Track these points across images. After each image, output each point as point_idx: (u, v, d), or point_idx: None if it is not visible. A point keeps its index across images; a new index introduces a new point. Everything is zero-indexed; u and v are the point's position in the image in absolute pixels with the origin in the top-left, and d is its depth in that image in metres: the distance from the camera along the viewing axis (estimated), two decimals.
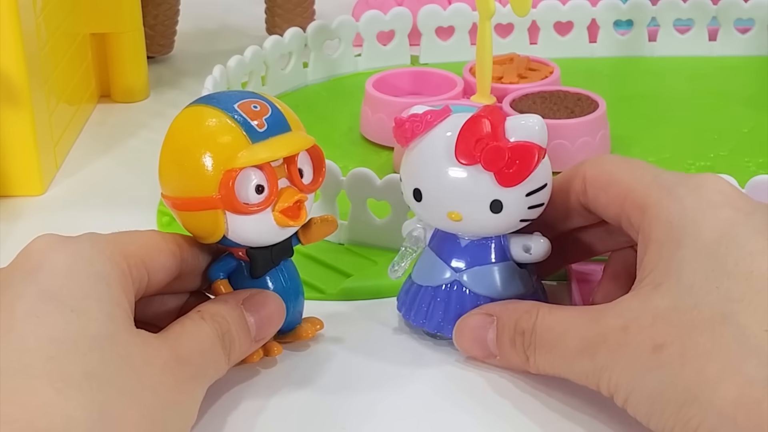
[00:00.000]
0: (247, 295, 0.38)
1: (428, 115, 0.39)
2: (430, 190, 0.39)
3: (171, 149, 0.38)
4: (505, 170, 0.38)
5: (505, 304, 0.39)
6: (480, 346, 0.39)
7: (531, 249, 0.40)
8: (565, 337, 0.36)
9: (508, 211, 0.39)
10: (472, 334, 0.40)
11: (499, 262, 0.40)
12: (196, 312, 0.37)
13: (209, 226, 0.37)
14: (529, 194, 0.39)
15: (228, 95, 0.38)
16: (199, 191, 0.37)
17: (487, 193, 0.38)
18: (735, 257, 0.34)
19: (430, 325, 0.41)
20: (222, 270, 0.39)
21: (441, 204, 0.39)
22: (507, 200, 0.38)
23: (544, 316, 0.37)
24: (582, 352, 0.35)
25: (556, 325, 0.37)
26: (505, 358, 0.39)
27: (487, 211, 0.39)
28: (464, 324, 0.40)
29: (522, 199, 0.39)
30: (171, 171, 0.38)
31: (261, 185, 0.37)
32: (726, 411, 0.31)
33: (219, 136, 0.37)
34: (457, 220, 0.39)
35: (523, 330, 0.38)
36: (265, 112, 0.38)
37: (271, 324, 0.39)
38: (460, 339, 0.40)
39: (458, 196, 0.39)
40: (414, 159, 0.40)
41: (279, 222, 0.38)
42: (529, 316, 0.38)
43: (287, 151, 0.37)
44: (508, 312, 0.39)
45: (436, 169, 0.39)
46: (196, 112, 0.38)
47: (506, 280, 0.40)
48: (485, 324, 0.39)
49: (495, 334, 0.39)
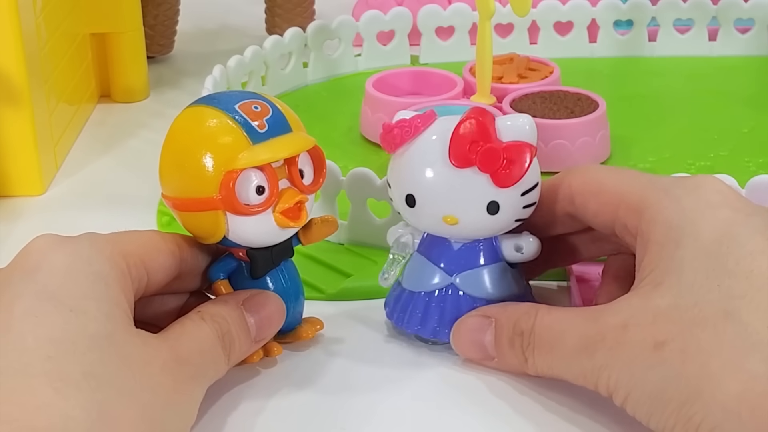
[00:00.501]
0: (247, 296, 0.38)
1: (417, 119, 0.39)
2: (424, 195, 0.39)
3: (171, 149, 0.38)
4: (501, 171, 0.38)
5: (503, 306, 0.39)
6: (478, 348, 0.39)
7: (522, 248, 0.40)
8: (563, 337, 0.36)
9: (504, 211, 0.39)
10: (469, 337, 0.40)
11: (491, 264, 0.40)
12: (196, 312, 0.37)
13: (210, 226, 0.37)
14: (524, 193, 0.39)
15: (229, 96, 0.38)
16: (199, 192, 0.37)
17: (483, 194, 0.38)
18: (735, 256, 0.34)
19: (426, 331, 0.41)
20: (222, 270, 0.39)
21: (436, 208, 0.39)
22: (503, 201, 0.38)
23: (543, 316, 0.37)
24: (580, 351, 0.35)
25: (555, 325, 0.37)
26: (503, 359, 0.39)
27: (483, 212, 0.39)
28: (462, 326, 0.40)
29: (517, 199, 0.39)
30: (171, 171, 0.38)
31: (262, 186, 0.37)
32: (730, 406, 0.31)
33: (220, 136, 0.37)
34: (452, 223, 0.39)
35: (522, 330, 0.38)
36: (266, 113, 0.38)
37: (271, 325, 0.39)
38: (457, 341, 0.40)
39: (455, 200, 0.39)
40: (405, 165, 0.40)
41: (279, 223, 0.38)
42: (528, 317, 0.38)
43: (288, 152, 0.37)
44: (506, 313, 0.39)
45: (429, 173, 0.39)
46: (197, 112, 0.38)
47: (500, 281, 0.40)
48: (483, 326, 0.39)
49: (493, 335, 0.39)
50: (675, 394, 0.33)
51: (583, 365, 0.35)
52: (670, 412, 0.33)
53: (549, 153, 0.54)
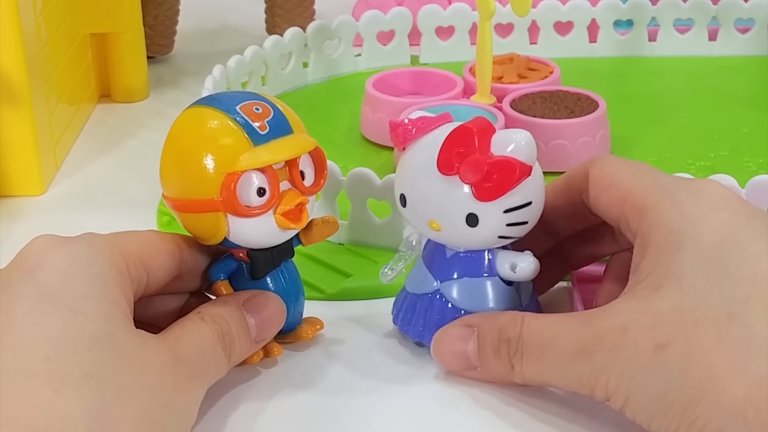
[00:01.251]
0: (247, 297, 0.38)
1: (421, 120, 0.39)
2: (412, 197, 0.39)
3: (172, 150, 0.38)
4: (483, 184, 0.37)
5: (484, 315, 0.39)
6: (459, 358, 0.39)
7: (517, 267, 0.39)
8: (556, 342, 0.36)
9: (484, 225, 0.38)
10: (451, 346, 0.39)
11: (483, 277, 0.39)
12: (196, 313, 0.37)
13: (210, 228, 0.37)
14: (507, 211, 0.38)
15: (230, 96, 0.38)
16: (200, 193, 0.37)
17: (463, 205, 0.38)
18: (737, 260, 0.34)
19: (413, 333, 0.41)
20: (222, 271, 0.39)
21: (422, 212, 0.39)
22: (483, 215, 0.37)
23: (530, 322, 0.37)
24: (576, 355, 0.35)
25: (545, 331, 0.36)
26: (487, 369, 0.38)
27: (463, 223, 0.38)
28: (442, 336, 0.39)
29: (499, 216, 0.38)
30: (172, 172, 0.38)
31: (263, 188, 0.37)
32: (735, 409, 0.31)
33: (221, 138, 0.37)
34: (436, 229, 0.39)
35: (509, 337, 0.37)
36: (267, 114, 0.37)
37: (271, 325, 0.39)
38: (438, 352, 0.39)
39: (437, 206, 0.38)
40: (403, 164, 0.40)
41: (280, 225, 0.38)
42: (514, 324, 0.37)
43: (289, 154, 0.37)
44: (489, 322, 0.38)
45: (418, 176, 0.39)
46: (198, 113, 0.38)
47: (489, 296, 0.39)
48: (465, 335, 0.38)
49: (476, 344, 0.38)
50: (678, 396, 0.32)
51: (579, 369, 0.35)
52: (673, 415, 0.32)
53: (549, 153, 0.54)
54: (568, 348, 0.35)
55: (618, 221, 0.38)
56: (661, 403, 0.33)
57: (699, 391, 0.32)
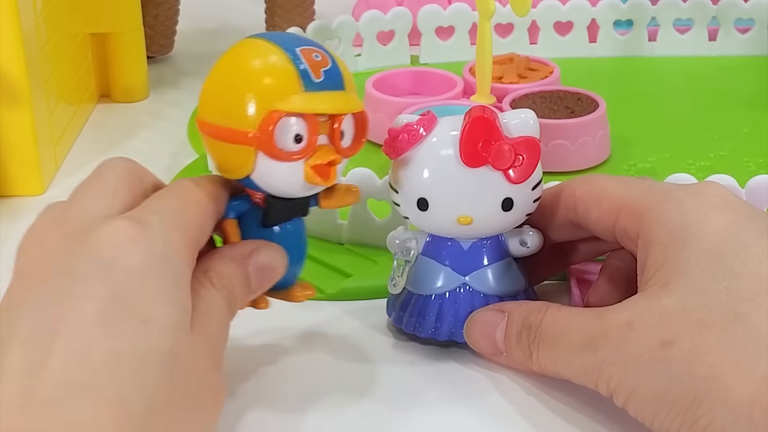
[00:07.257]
0: (253, 248, 0.37)
1: (422, 123, 0.39)
2: (438, 198, 0.39)
3: (222, 73, 0.36)
4: (515, 167, 0.38)
5: (518, 303, 0.40)
6: (488, 341, 0.39)
7: (527, 242, 0.41)
8: (568, 332, 0.36)
9: (518, 207, 0.39)
10: (482, 330, 0.40)
11: (500, 260, 0.41)
12: (204, 275, 0.35)
13: (238, 161, 0.36)
14: (534, 187, 0.39)
15: (291, 37, 0.37)
16: (237, 123, 0.35)
17: (498, 192, 0.39)
18: (742, 259, 0.34)
19: (441, 334, 0.40)
20: (234, 210, 0.37)
21: (451, 210, 0.39)
22: (517, 197, 0.39)
23: (553, 312, 0.37)
24: (584, 347, 0.35)
25: (561, 320, 0.37)
26: (510, 354, 0.39)
27: (498, 210, 0.39)
28: (476, 318, 0.40)
29: (529, 194, 0.39)
30: (215, 95, 0.36)
31: (300, 135, 0.35)
32: (741, 409, 0.31)
33: (274, 73, 0.35)
34: (467, 223, 0.39)
35: (531, 324, 0.38)
36: (325, 64, 0.36)
37: (269, 281, 0.37)
38: (470, 333, 0.40)
39: (469, 200, 0.39)
40: (414, 169, 0.40)
41: (307, 178, 0.36)
42: (538, 312, 0.38)
43: (337, 109, 0.36)
44: (519, 309, 0.39)
45: (442, 176, 0.39)
46: (258, 44, 0.36)
47: (509, 276, 0.41)
48: (496, 319, 0.39)
49: (504, 330, 0.39)
50: (681, 394, 0.32)
51: (585, 361, 0.35)
52: (676, 413, 0.32)
53: (549, 153, 0.54)
54: (577, 339, 0.36)
55: (613, 232, 0.38)
56: (663, 400, 0.33)
57: (703, 391, 0.32)
